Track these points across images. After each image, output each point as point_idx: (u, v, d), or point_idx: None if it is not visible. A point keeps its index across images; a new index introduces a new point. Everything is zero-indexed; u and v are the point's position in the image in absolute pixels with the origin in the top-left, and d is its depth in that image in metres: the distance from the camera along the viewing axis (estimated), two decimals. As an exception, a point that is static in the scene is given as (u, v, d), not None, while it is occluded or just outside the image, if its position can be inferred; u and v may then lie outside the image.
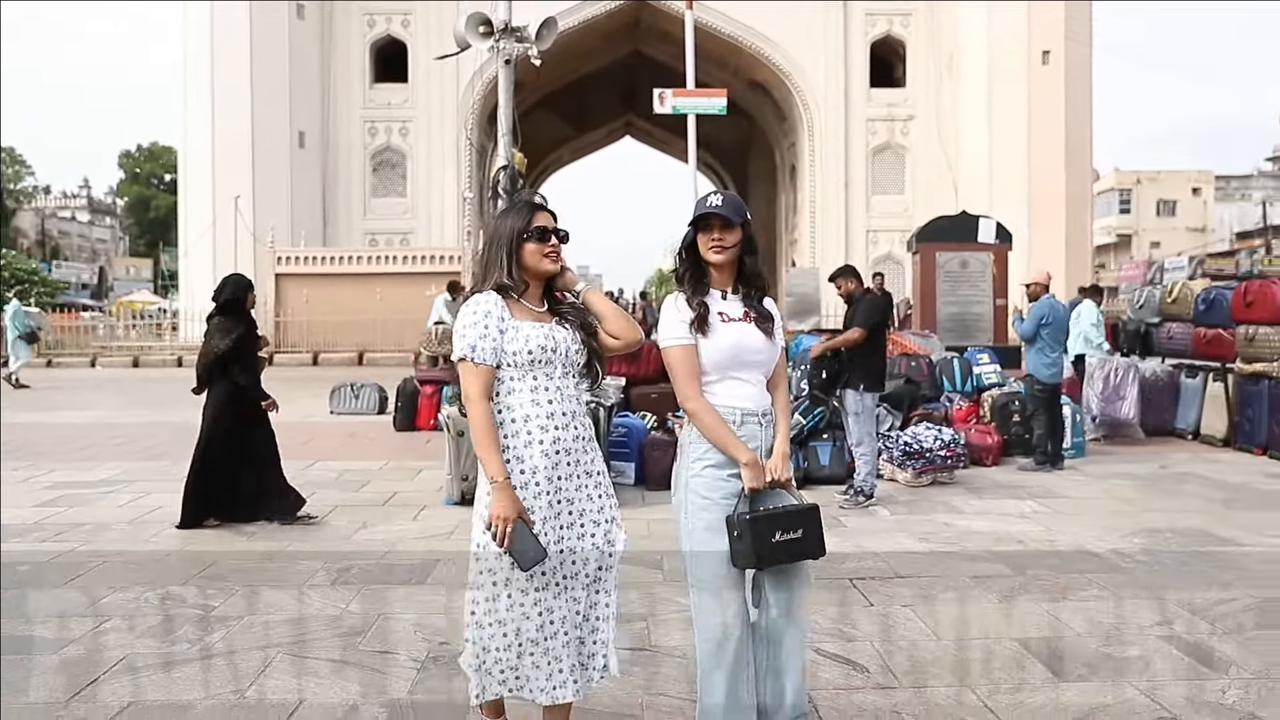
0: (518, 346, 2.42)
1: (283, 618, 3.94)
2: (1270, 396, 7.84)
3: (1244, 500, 6.33)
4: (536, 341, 2.43)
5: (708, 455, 2.51)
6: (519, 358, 2.42)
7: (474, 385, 2.40)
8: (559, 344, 2.47)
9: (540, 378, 2.45)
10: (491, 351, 2.40)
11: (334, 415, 11.22)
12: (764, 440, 2.57)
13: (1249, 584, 4.39)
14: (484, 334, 2.40)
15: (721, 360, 2.54)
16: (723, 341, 2.52)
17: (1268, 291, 8.02)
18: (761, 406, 2.58)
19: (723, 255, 2.56)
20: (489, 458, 2.37)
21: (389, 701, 3.11)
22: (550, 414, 2.44)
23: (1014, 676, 3.32)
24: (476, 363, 2.40)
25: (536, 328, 2.45)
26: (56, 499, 6.33)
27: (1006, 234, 12.52)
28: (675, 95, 9.71)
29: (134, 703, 3.08)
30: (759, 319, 2.58)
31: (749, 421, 2.54)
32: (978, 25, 28.71)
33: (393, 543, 5.20)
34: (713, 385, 2.55)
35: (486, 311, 2.41)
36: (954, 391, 8.35)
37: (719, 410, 2.52)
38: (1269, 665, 3.40)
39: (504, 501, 2.32)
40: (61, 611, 4.00)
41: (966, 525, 5.65)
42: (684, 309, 2.54)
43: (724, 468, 2.50)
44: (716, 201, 2.56)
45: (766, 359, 2.60)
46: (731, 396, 2.55)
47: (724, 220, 2.54)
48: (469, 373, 2.41)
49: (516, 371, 2.44)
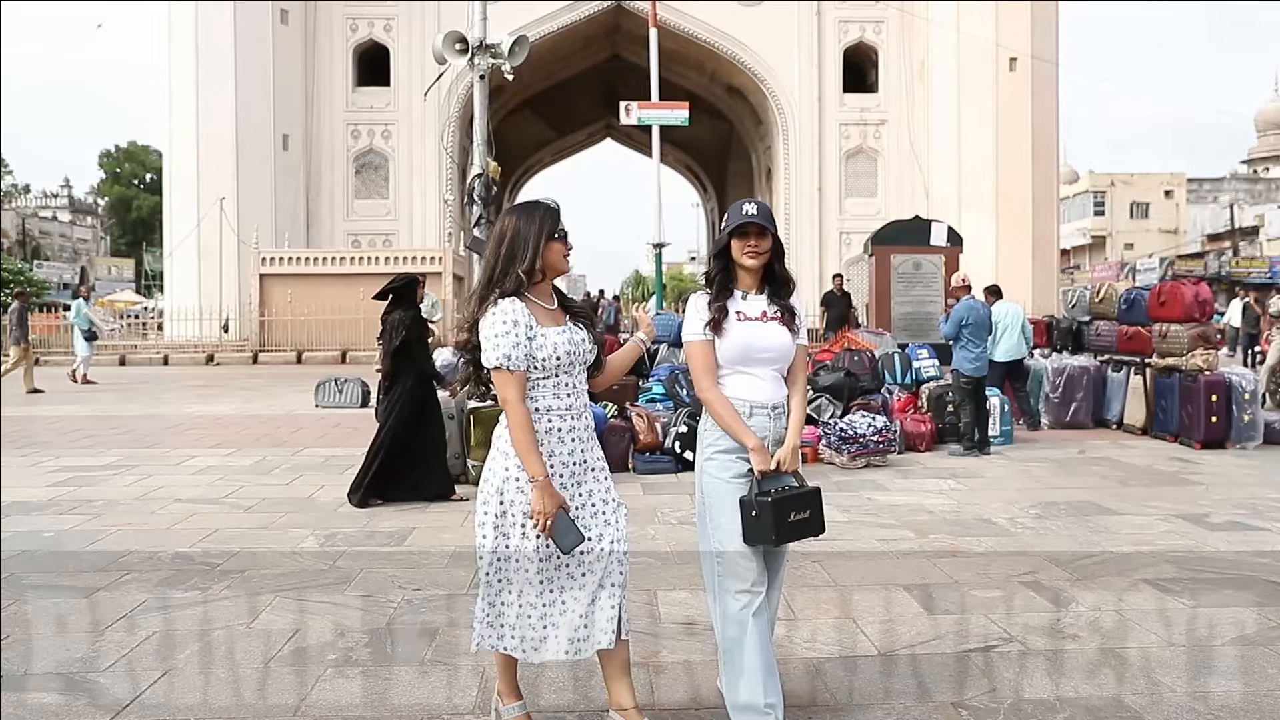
0: (546, 354, 2.57)
1: (280, 571, 4.57)
2: (1180, 388, 8.58)
3: (1139, 479, 7.06)
4: (563, 348, 2.60)
5: (719, 442, 2.75)
6: (547, 363, 2.58)
7: (511, 391, 2.54)
8: (578, 346, 2.64)
9: (562, 375, 2.63)
10: (524, 358, 2.54)
11: (319, 409, 11.82)
12: (773, 431, 2.76)
13: (1112, 543, 5.09)
14: (516, 343, 2.52)
15: (733, 356, 2.74)
16: (735, 340, 2.73)
17: (1178, 292, 8.78)
18: (771, 400, 2.76)
19: (757, 260, 2.76)
20: (530, 459, 2.52)
21: (371, 629, 3.75)
22: (568, 405, 2.64)
23: (892, 611, 4.00)
24: (512, 369, 2.54)
25: (560, 333, 2.62)
26: (67, 480, 6.93)
27: (957, 237, 13.25)
28: (640, 107, 10.36)
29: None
30: (780, 318, 2.77)
31: (758, 414, 2.74)
32: (947, 33, 29.49)
33: (373, 515, 5.84)
34: (726, 378, 2.77)
35: (515, 320, 2.53)
36: (894, 384, 9.05)
37: (730, 400, 2.74)
38: (1100, 602, 4.10)
39: (547, 497, 2.49)
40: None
41: (888, 500, 6.34)
42: (703, 310, 2.76)
43: (733, 453, 2.73)
44: (752, 210, 2.74)
45: (777, 355, 2.77)
46: (742, 389, 2.75)
47: (759, 228, 2.75)
48: (505, 380, 2.54)
49: (543, 373, 2.60)
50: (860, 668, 3.37)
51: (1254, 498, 6.32)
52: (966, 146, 29.40)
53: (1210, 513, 5.84)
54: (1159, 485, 6.82)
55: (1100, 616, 3.91)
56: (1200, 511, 5.88)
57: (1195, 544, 5.09)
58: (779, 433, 2.77)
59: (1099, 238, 61.78)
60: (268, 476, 7.14)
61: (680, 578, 4.42)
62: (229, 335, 25.14)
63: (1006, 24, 28.91)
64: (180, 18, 27.02)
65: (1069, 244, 62.72)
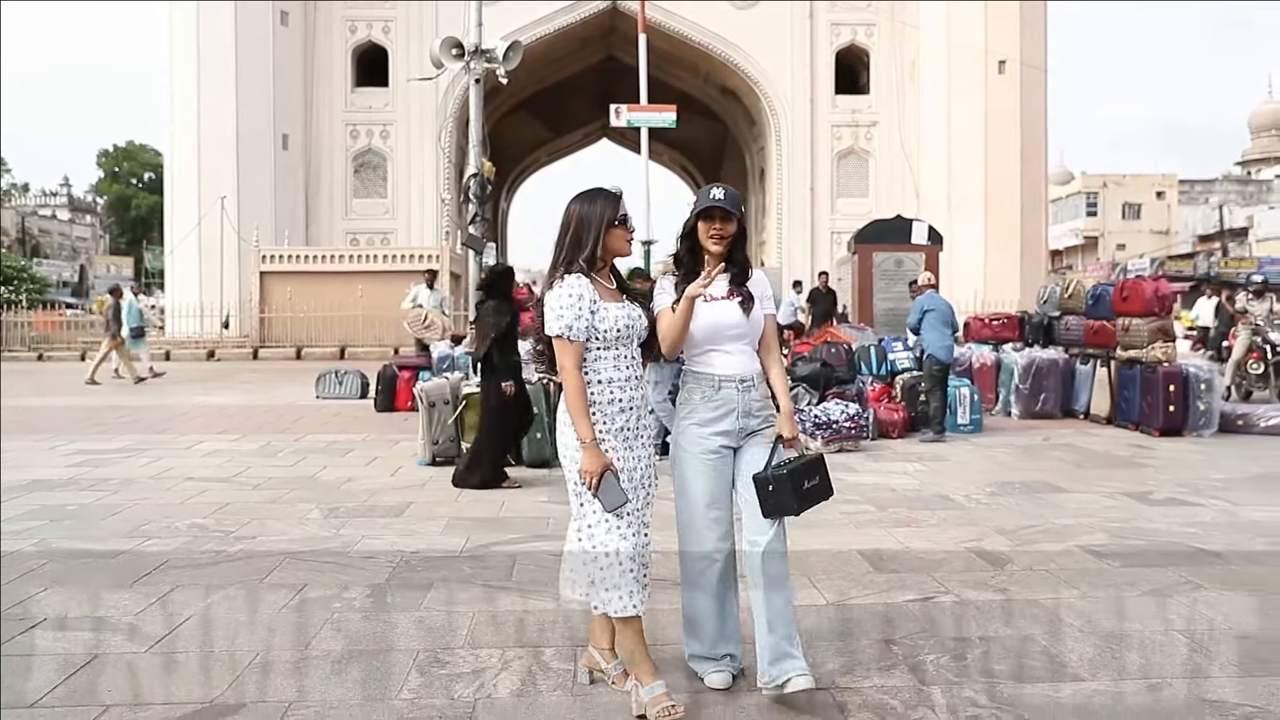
0: (607, 326, 2.77)
1: (289, 537, 4.98)
2: (1141, 379, 9.00)
3: (1095, 463, 7.48)
4: (622, 321, 2.80)
5: (692, 414, 2.93)
6: (608, 335, 2.78)
7: (569, 358, 2.75)
8: (634, 321, 2.85)
9: (621, 348, 2.84)
10: (584, 329, 2.74)
11: (319, 400, 12.22)
12: (740, 403, 2.90)
13: (1056, 516, 5.52)
14: (579, 315, 2.72)
15: (703, 335, 2.89)
16: (703, 320, 2.87)
17: (1139, 288, 9.21)
18: (740, 373, 2.91)
19: (721, 245, 2.90)
20: (581, 421, 2.73)
21: (371, 584, 4.16)
22: (627, 377, 2.83)
23: (845, 571, 4.41)
24: (571, 339, 2.74)
25: (620, 308, 2.83)
26: (83, 461, 7.34)
27: (938, 236, 13.68)
28: (630, 110, 10.78)
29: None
30: (742, 299, 2.93)
31: (726, 386, 2.90)
32: (938, 35, 29.93)
33: (373, 491, 6.26)
34: (699, 356, 2.93)
35: (579, 295, 2.73)
36: (870, 375, 9.48)
37: (700, 375, 2.93)
38: (1034, 563, 4.52)
39: (593, 457, 2.70)
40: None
41: (856, 480, 6.75)
42: (670, 291, 2.93)
43: (705, 425, 2.91)
44: (719, 195, 2.87)
45: (743, 332, 2.92)
46: (713, 365, 2.91)
47: (724, 212, 2.88)
48: (564, 348, 2.75)
49: (603, 345, 2.81)
50: (809, 614, 3.78)
51: (1198, 478, 6.74)
52: (956, 148, 29.83)
53: (1153, 491, 6.27)
54: (1112, 468, 7.25)
55: (1031, 575, 4.33)
56: (1144, 490, 6.31)
57: (1132, 517, 5.52)
58: (747, 404, 2.91)
59: (1091, 238, 62.17)
60: (273, 459, 7.55)
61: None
62: (229, 332, 25.54)
63: (995, 27, 29.35)
64: (181, 19, 27.42)
65: (1062, 244, 63.26)
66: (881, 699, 2.96)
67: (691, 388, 2.95)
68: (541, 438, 7.06)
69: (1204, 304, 20.73)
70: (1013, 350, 10.56)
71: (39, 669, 3.15)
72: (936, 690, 3.01)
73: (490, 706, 2.88)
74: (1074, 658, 3.29)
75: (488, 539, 4.97)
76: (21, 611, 3.73)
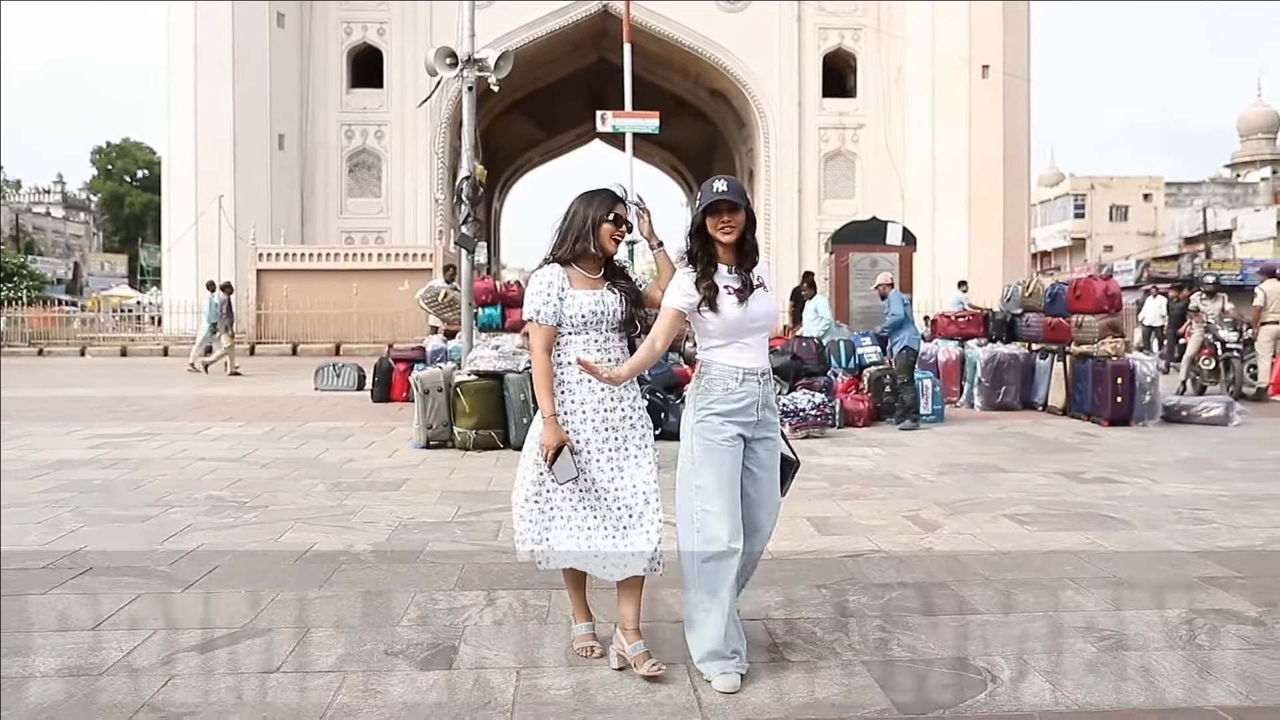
0: (574, 311, 2.99)
1: (297, 506, 5.54)
2: (1092, 372, 9.60)
3: (1040, 448, 8.08)
4: (589, 307, 3.00)
5: (714, 405, 2.95)
6: (575, 320, 3.00)
7: (538, 340, 2.99)
8: (607, 307, 3.03)
9: (592, 333, 3.02)
10: (552, 314, 2.97)
11: (318, 392, 12.77)
12: (760, 395, 2.97)
13: (992, 491, 6.11)
14: (547, 300, 2.97)
15: (729, 329, 2.93)
16: (730, 314, 2.91)
17: (1091, 287, 9.83)
18: (760, 366, 2.98)
19: (731, 235, 2.93)
20: (543, 397, 2.96)
21: (373, 544, 4.72)
22: (598, 359, 2.97)
23: (791, 533, 4.98)
24: (540, 323, 2.98)
25: (590, 295, 3.01)
26: (101, 444, 7.88)
27: (911, 237, 14.26)
28: (615, 116, 11.33)
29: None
30: (761, 285, 2.98)
31: (749, 379, 2.95)
32: (923, 41, 30.58)
33: (373, 470, 6.81)
34: (719, 349, 2.97)
35: (549, 283, 2.99)
36: (840, 368, 10.06)
37: (724, 367, 2.94)
38: (962, 528, 5.10)
39: (551, 432, 2.92)
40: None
41: (818, 462, 7.33)
42: (689, 289, 2.93)
43: (724, 417, 2.94)
44: (723, 187, 2.91)
45: (765, 324, 3.02)
46: (735, 359, 2.94)
47: (731, 204, 2.93)
48: (535, 331, 3.00)
49: (573, 329, 3.02)
50: (755, 566, 4.35)
51: (1131, 461, 7.34)
52: (940, 150, 30.47)
53: (1086, 471, 6.87)
54: (1057, 453, 7.84)
55: (956, 537, 4.91)
56: (1078, 470, 6.90)
57: (1061, 492, 6.11)
58: (766, 396, 3.01)
59: (1079, 239, 62.74)
60: (278, 443, 8.11)
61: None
62: (226, 328, 26.04)
63: (979, 33, 29.98)
64: (179, 20, 27.92)
65: (1050, 245, 63.97)
66: (808, 628, 3.53)
67: (714, 380, 2.96)
68: (527, 422, 7.61)
69: (1150, 304, 21.32)
70: (976, 346, 11.16)
71: (95, 605, 3.70)
72: (853, 620, 3.59)
73: (476, 631, 3.44)
74: (976, 597, 3.87)
75: (476, 508, 5.55)
76: (70, 563, 4.28)
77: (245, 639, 3.33)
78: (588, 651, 3.15)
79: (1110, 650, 3.26)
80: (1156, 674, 3.05)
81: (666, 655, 3.08)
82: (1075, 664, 3.14)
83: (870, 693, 2.90)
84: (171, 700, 2.81)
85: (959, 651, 3.26)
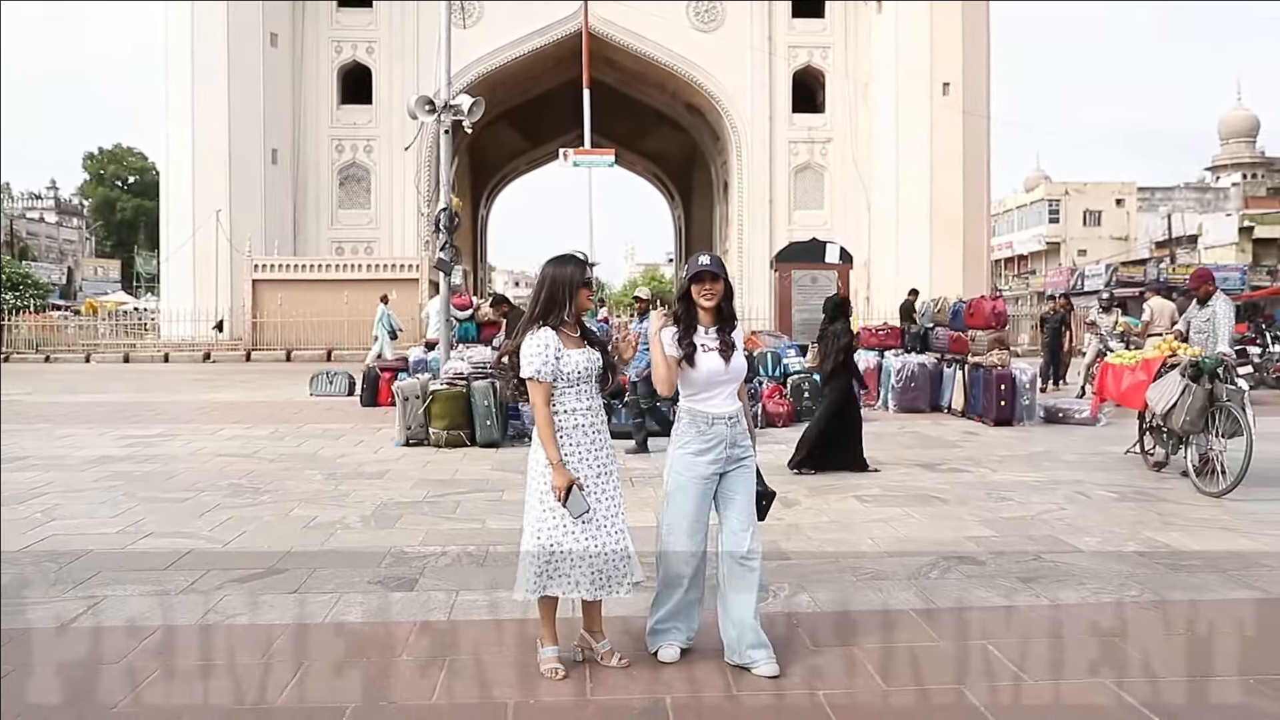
0: (569, 369, 3.39)
1: (301, 490, 7.02)
2: (982, 380, 11.16)
3: (925, 445, 9.60)
4: (582, 365, 3.42)
5: (689, 444, 3.54)
6: (570, 377, 3.40)
7: (539, 396, 3.37)
8: (592, 364, 3.46)
9: (582, 385, 3.45)
10: (550, 372, 3.36)
11: (313, 396, 14.25)
12: (728, 436, 3.52)
13: (855, 479, 7.62)
14: (545, 360, 3.35)
15: (702, 381, 3.53)
16: (702, 369, 3.51)
17: (980, 306, 11.40)
18: (728, 411, 3.54)
19: (712, 301, 3.55)
20: (549, 446, 3.34)
21: (363, 516, 6.22)
22: (587, 406, 3.46)
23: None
24: (540, 380, 3.36)
25: (580, 354, 3.43)
26: (132, 444, 9.36)
27: (848, 256, 15.83)
28: (576, 153, 12.86)
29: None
30: (730, 350, 3.54)
31: (718, 423, 3.53)
32: (887, 59, 32.15)
33: (361, 463, 8.31)
34: (697, 397, 3.55)
35: (546, 344, 3.36)
36: (766, 375, 11.60)
37: (697, 413, 3.53)
38: (815, 505, 6.61)
39: (561, 475, 3.31)
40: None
41: (731, 457, 8.84)
42: (672, 345, 3.51)
43: (699, 455, 3.52)
44: (705, 261, 3.53)
45: (731, 378, 3.55)
46: (708, 404, 3.54)
47: (712, 274, 3.54)
48: (535, 388, 3.37)
49: (567, 383, 3.42)
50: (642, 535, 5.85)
51: (988, 455, 8.86)
52: (904, 163, 31.99)
53: (943, 463, 8.39)
54: (933, 448, 9.38)
55: (807, 511, 6.43)
56: (937, 462, 8.43)
57: (908, 478, 7.63)
58: (733, 437, 3.55)
59: (1054, 244, 64.12)
60: (281, 442, 9.59)
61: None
62: (223, 335, 27.44)
63: (940, 52, 31.48)
64: (176, 38, 29.23)
65: (1026, 249, 65.66)
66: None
67: (688, 423, 3.57)
68: (490, 424, 9.14)
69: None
70: (892, 356, 12.71)
71: (158, 559, 5.19)
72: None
73: (435, 569, 4.94)
74: (793, 548, 5.39)
75: (442, 491, 7.05)
76: (135, 528, 5.77)
77: (270, 575, 4.83)
78: (553, 673, 3.44)
79: (866, 579, 4.78)
80: (890, 593, 4.56)
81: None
82: (840, 586, 4.66)
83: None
84: (230, 605, 4.31)
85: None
